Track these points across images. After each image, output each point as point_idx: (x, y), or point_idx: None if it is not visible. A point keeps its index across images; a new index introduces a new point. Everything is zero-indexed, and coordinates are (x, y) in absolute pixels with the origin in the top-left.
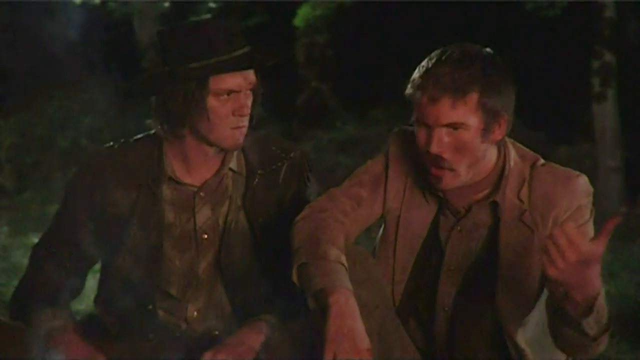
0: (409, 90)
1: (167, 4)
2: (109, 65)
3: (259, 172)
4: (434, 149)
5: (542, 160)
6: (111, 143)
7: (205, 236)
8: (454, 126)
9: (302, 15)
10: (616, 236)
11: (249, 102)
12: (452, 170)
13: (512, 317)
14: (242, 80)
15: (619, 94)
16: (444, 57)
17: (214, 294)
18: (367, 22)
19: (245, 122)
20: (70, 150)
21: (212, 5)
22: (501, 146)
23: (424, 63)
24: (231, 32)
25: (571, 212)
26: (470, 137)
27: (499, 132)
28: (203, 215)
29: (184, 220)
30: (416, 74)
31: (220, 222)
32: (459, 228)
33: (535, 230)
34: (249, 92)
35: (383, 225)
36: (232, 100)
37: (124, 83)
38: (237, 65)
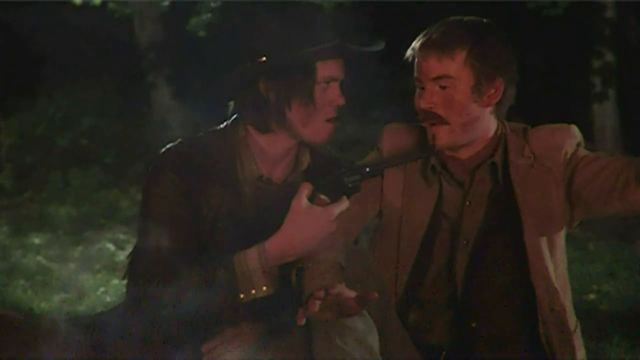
0: (407, 53)
1: (167, 4)
2: (109, 66)
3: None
4: (424, 103)
5: (529, 127)
6: (179, 140)
7: None
8: (443, 80)
9: None
10: (616, 236)
11: None
12: (446, 124)
13: (541, 256)
14: (340, 68)
15: (619, 94)
16: (438, 23)
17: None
18: (366, 21)
19: (336, 113)
20: (70, 150)
21: (212, 4)
22: (501, 119)
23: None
24: (324, 20)
25: (577, 147)
26: (460, 93)
27: (494, 95)
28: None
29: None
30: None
31: None
32: (468, 202)
33: (550, 171)
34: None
35: (380, 220)
36: (330, 89)
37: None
38: (341, 53)
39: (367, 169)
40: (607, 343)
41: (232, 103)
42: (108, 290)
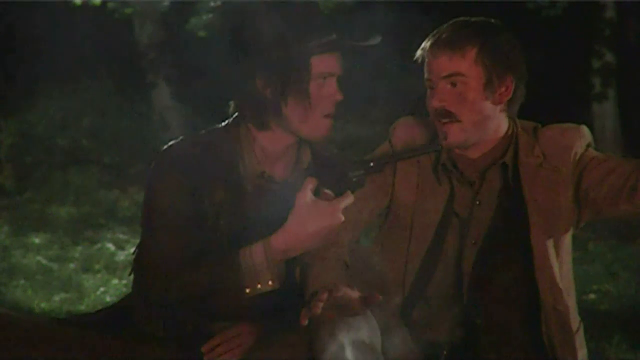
0: (417, 54)
1: (167, 4)
2: (109, 65)
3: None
4: (436, 102)
5: (540, 125)
6: (182, 137)
7: None
8: (454, 78)
9: None
10: (616, 236)
11: None
12: (458, 122)
13: (547, 255)
14: (337, 64)
15: (619, 94)
16: (447, 23)
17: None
18: (366, 21)
19: (334, 109)
20: (70, 150)
21: (212, 4)
22: (513, 118)
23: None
24: (319, 16)
25: (587, 148)
26: (472, 90)
27: (505, 93)
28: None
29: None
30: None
31: None
32: (478, 202)
33: (559, 171)
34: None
35: (389, 217)
36: (327, 84)
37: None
38: (336, 47)
39: (371, 164)
40: (607, 343)
41: (232, 102)
42: (108, 290)
